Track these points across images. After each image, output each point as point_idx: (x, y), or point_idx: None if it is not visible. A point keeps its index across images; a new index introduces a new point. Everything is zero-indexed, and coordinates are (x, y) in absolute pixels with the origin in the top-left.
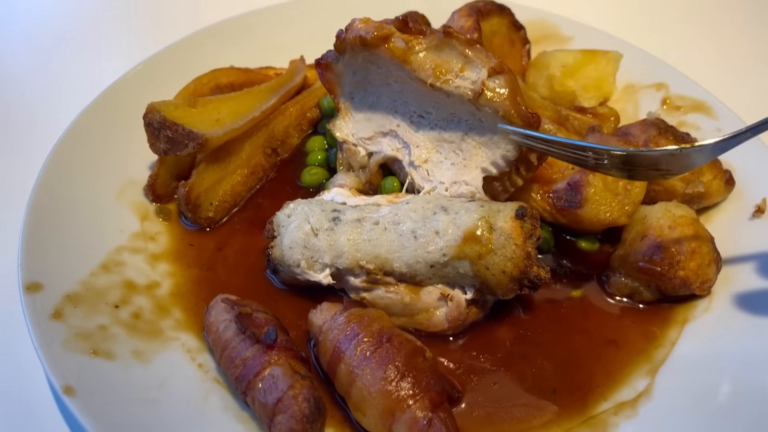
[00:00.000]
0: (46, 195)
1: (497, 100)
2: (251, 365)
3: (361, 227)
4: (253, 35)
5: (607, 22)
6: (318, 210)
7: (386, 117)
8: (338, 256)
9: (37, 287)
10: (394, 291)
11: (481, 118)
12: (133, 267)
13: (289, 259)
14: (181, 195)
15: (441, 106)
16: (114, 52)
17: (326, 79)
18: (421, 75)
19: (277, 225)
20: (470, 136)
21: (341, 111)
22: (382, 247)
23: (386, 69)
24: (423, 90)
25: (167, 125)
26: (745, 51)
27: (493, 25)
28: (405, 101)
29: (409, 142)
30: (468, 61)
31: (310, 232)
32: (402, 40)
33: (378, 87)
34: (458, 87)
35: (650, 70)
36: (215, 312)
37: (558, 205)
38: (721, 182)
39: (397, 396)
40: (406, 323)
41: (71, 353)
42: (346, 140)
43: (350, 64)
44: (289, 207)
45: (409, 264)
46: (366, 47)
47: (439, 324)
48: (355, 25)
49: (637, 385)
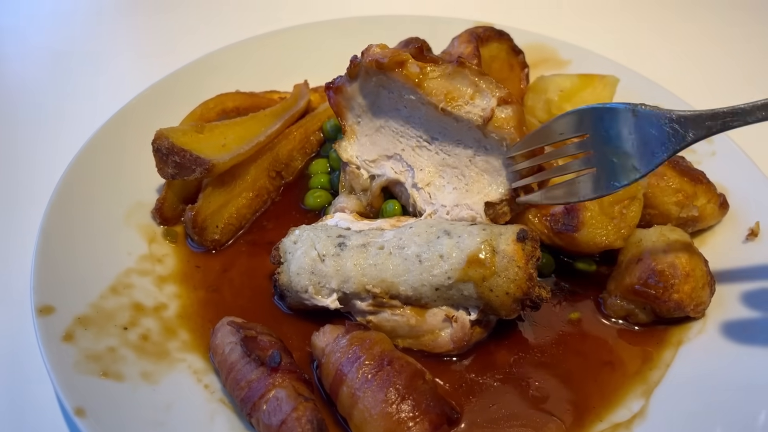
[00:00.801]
0: (58, 218)
1: (505, 127)
2: (256, 387)
3: (366, 252)
4: (258, 60)
5: (605, 45)
6: (324, 236)
7: (392, 141)
8: (345, 281)
9: (49, 310)
10: (400, 314)
11: (485, 146)
12: (141, 289)
13: (297, 285)
14: (188, 218)
15: (448, 132)
16: (123, 77)
17: (336, 101)
18: (433, 99)
19: (284, 251)
20: (474, 162)
21: (347, 133)
22: (388, 271)
23: (398, 94)
24: (432, 115)
25: (175, 151)
26: (742, 76)
27: (492, 51)
28: (413, 126)
29: (413, 165)
30: (479, 89)
31: (317, 258)
32: (417, 65)
33: (387, 112)
34: (468, 113)
35: (647, 94)
36: (221, 334)
37: (555, 228)
38: (715, 206)
39: (398, 418)
40: (412, 345)
41: (82, 375)
42: (351, 161)
43: (362, 88)
44: (294, 233)
45: (414, 287)
46: (381, 70)
47: (444, 345)
48: (372, 50)
49: (632, 406)
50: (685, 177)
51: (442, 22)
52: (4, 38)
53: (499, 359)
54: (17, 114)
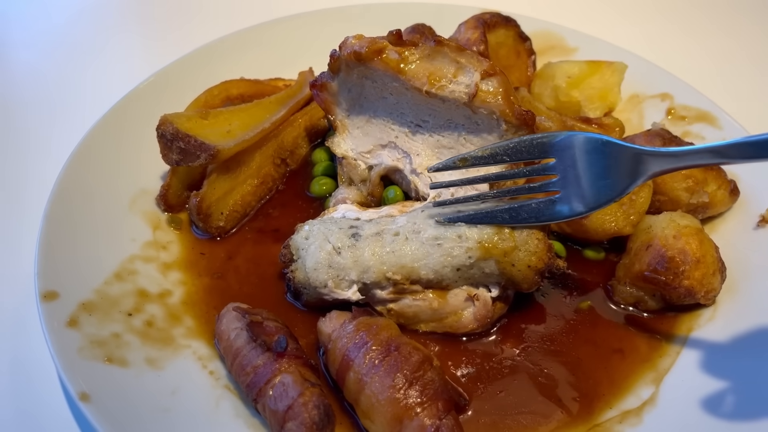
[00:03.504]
0: (62, 205)
1: (491, 100)
2: (262, 373)
3: (382, 240)
4: (263, 47)
5: (613, 33)
6: (335, 228)
7: (384, 130)
8: (365, 271)
9: (53, 296)
10: (422, 298)
11: (477, 122)
12: (145, 275)
13: (315, 280)
14: (193, 205)
15: (437, 113)
16: (127, 64)
17: (322, 99)
18: (416, 83)
19: (296, 248)
20: (468, 140)
21: (338, 128)
22: (407, 257)
23: (381, 82)
24: (419, 99)
25: (180, 137)
26: (751, 61)
27: (499, 37)
28: (401, 113)
29: (408, 151)
30: (460, 66)
31: (333, 251)
32: (395, 52)
33: (374, 102)
34: (453, 92)
35: (655, 81)
36: (226, 320)
37: None
38: (725, 192)
39: (405, 404)
40: (436, 328)
41: (86, 360)
42: (346, 156)
43: (345, 81)
44: (304, 229)
45: (435, 270)
46: (360, 61)
47: (468, 324)
48: (348, 41)
49: (641, 394)
50: None
51: (449, 8)
52: (9, 25)
53: (509, 347)
54: (23, 100)
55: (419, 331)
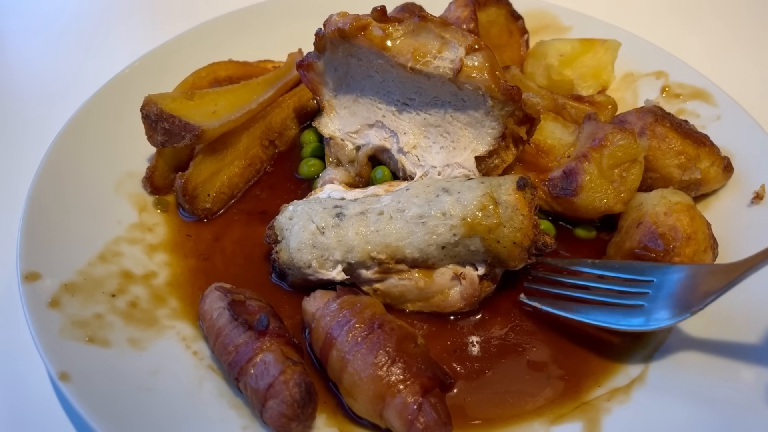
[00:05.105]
0: (46, 186)
1: (477, 75)
2: (243, 351)
3: (366, 219)
4: (252, 29)
5: (607, 11)
6: (319, 208)
7: (371, 109)
8: (349, 250)
9: (35, 276)
10: (408, 277)
11: (463, 98)
12: (130, 257)
13: (299, 261)
14: (178, 186)
15: (423, 90)
16: (115, 47)
17: (309, 79)
18: (401, 60)
19: (280, 229)
20: (455, 117)
21: (326, 109)
22: (391, 235)
23: (366, 60)
24: (404, 76)
25: (164, 117)
26: (747, 38)
27: (490, 15)
28: (388, 91)
29: (395, 130)
30: (445, 42)
31: (316, 231)
32: (379, 28)
33: (360, 80)
34: (437, 67)
35: (650, 59)
36: (209, 300)
37: (553, 193)
38: (718, 169)
39: (388, 381)
40: (423, 307)
41: (67, 341)
42: (333, 136)
43: (331, 60)
44: (288, 210)
45: (420, 249)
46: (345, 39)
47: (455, 303)
48: (333, 19)
49: (631, 372)
50: (688, 139)
51: None
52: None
53: (496, 326)
54: (6, 84)
55: (406, 310)
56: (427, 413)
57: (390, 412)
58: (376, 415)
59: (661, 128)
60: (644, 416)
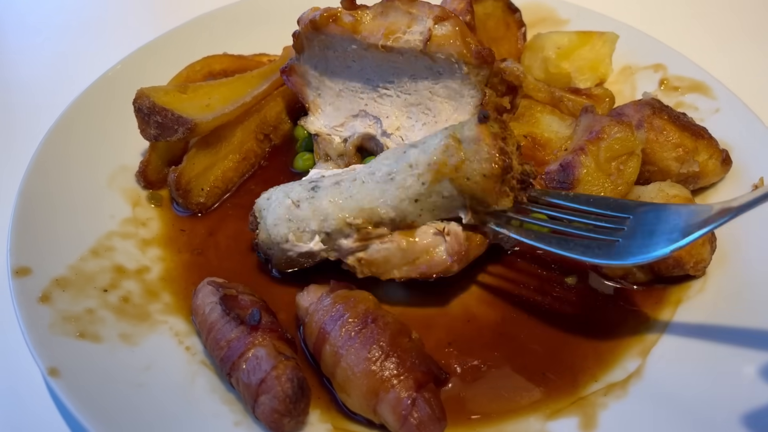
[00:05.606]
0: (38, 180)
1: (446, 44)
2: (236, 346)
3: (340, 187)
4: (247, 23)
5: (605, 3)
6: (296, 186)
7: (353, 100)
8: (324, 219)
9: (25, 271)
10: (389, 240)
11: (438, 70)
12: (123, 252)
13: (276, 236)
14: (172, 180)
15: (399, 70)
16: (108, 40)
17: (293, 82)
18: (372, 40)
19: (259, 210)
20: (434, 92)
21: (311, 109)
22: (365, 199)
23: (342, 49)
24: (379, 57)
25: (157, 110)
26: (746, 31)
27: (487, 8)
28: (367, 78)
29: (378, 115)
30: (413, 16)
31: (292, 205)
32: (349, 15)
33: (340, 73)
34: (408, 41)
35: (648, 51)
36: (202, 295)
37: (550, 186)
38: (717, 162)
39: (381, 376)
40: (410, 272)
41: (57, 336)
42: (319, 132)
43: (310, 58)
44: (267, 192)
45: (394, 206)
46: (317, 30)
47: (442, 262)
48: (304, 15)
49: (628, 366)
50: (686, 132)
51: None
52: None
53: (492, 321)
54: (20, 79)
55: (395, 280)
56: (421, 408)
57: (384, 408)
58: (370, 410)
59: (659, 121)
60: (641, 411)
